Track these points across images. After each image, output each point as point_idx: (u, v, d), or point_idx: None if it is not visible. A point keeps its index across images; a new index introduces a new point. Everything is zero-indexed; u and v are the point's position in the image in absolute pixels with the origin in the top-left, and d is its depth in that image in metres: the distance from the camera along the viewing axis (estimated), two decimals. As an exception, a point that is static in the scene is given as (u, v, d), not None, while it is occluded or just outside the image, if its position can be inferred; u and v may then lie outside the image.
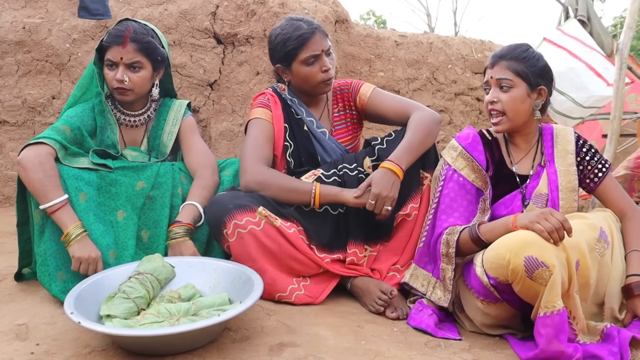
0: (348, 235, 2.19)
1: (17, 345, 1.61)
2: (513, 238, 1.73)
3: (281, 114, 2.35)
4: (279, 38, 2.28)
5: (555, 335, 1.66)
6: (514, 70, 2.02)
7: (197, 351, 1.58)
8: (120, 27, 2.16)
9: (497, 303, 1.87)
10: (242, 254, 2.01)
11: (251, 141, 2.26)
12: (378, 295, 2.07)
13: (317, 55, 2.25)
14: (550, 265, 1.64)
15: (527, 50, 2.06)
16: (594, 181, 2.11)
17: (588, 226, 1.84)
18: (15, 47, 3.31)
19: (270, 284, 2.01)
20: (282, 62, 2.31)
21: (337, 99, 2.49)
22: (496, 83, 2.05)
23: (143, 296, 1.77)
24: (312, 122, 2.38)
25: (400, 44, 3.92)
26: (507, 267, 1.72)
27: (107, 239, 2.01)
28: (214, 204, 2.08)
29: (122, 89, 2.17)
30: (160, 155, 2.32)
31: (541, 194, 2.05)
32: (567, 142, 2.13)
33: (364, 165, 2.23)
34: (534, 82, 2.03)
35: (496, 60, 2.06)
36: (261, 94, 2.43)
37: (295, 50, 2.25)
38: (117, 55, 2.14)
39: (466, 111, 4.11)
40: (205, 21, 3.46)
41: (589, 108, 3.89)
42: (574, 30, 4.20)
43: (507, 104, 2.02)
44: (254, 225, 2.01)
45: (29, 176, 1.92)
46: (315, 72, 2.27)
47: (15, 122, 3.35)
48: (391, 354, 1.70)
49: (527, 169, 2.13)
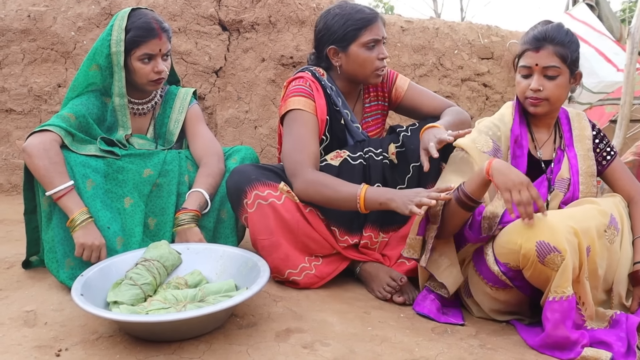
0: (366, 218, 2.17)
1: (26, 331, 1.62)
2: (524, 223, 1.72)
3: (324, 103, 2.20)
4: (337, 18, 2.18)
5: (561, 321, 1.66)
6: (560, 56, 1.90)
7: (203, 337, 1.59)
8: (144, 19, 2.12)
9: (506, 289, 1.86)
10: (260, 226, 2.00)
11: (295, 139, 2.11)
12: (387, 282, 2.06)
13: (377, 41, 2.18)
14: (562, 250, 1.63)
15: (569, 33, 1.95)
16: (602, 164, 2.07)
17: (599, 212, 1.81)
18: (21, 35, 3.30)
19: (282, 259, 2.01)
20: (338, 42, 2.18)
21: (368, 88, 2.40)
22: (542, 70, 1.91)
23: (150, 283, 1.77)
24: (348, 114, 2.28)
25: (406, 30, 3.88)
26: (518, 252, 1.71)
27: (114, 226, 2.01)
28: (237, 173, 2.06)
29: (160, 80, 2.18)
30: (167, 143, 2.32)
31: (563, 178, 2.00)
32: (584, 128, 2.08)
33: (388, 151, 2.21)
34: (574, 67, 1.95)
35: (541, 44, 1.91)
36: (298, 77, 2.25)
37: (357, 30, 2.15)
38: (155, 48, 2.12)
39: (473, 97, 4.08)
40: (210, 8, 3.44)
41: (598, 93, 3.86)
42: (583, 14, 4.15)
43: (552, 91, 1.92)
44: (274, 199, 2.00)
45: (34, 163, 1.92)
46: (373, 59, 2.18)
47: (22, 111, 3.35)
48: (398, 339, 1.70)
49: (549, 153, 2.06)
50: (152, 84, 2.19)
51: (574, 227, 1.68)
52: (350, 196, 1.96)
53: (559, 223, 1.67)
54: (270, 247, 2.00)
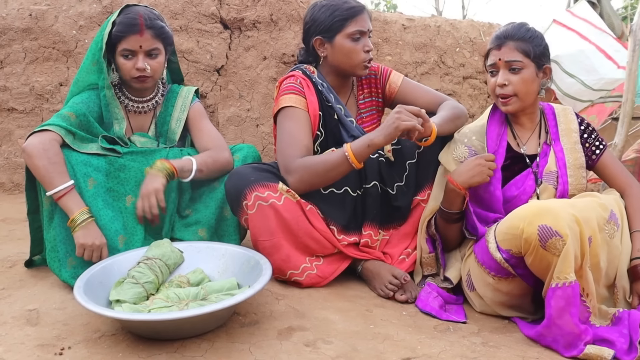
0: (365, 216, 2.18)
1: (28, 330, 1.63)
2: (527, 208, 1.76)
3: (315, 99, 2.22)
4: (324, 9, 2.20)
5: (565, 308, 1.66)
6: (522, 50, 1.99)
7: (206, 335, 1.59)
8: (130, 15, 2.11)
9: (508, 278, 1.87)
10: (260, 227, 2.00)
11: (287, 135, 2.13)
12: (389, 280, 2.06)
13: (363, 32, 2.19)
14: (564, 234, 1.64)
15: (530, 30, 2.04)
16: (592, 158, 2.10)
17: (599, 205, 1.83)
18: (22, 34, 3.30)
19: (284, 260, 2.01)
20: (324, 33, 2.21)
21: (362, 84, 2.42)
22: (505, 65, 2.01)
23: (152, 281, 1.77)
24: (341, 109, 2.29)
25: (407, 28, 3.88)
26: (520, 236, 1.72)
27: (116, 225, 2.02)
28: (235, 175, 2.06)
29: (143, 77, 2.14)
30: (169, 141, 2.32)
31: (551, 171, 2.05)
32: (570, 121, 2.13)
33: (384, 148, 2.21)
34: (540, 61, 2.02)
35: (502, 41, 2.02)
36: (289, 76, 2.28)
37: (343, 21, 2.17)
38: (135, 44, 2.10)
39: (474, 94, 4.07)
40: (212, 6, 3.44)
41: (599, 91, 3.84)
42: (583, 12, 4.13)
43: (518, 85, 2.00)
44: (275, 200, 1.99)
45: (33, 163, 1.92)
46: (359, 50, 2.19)
47: (24, 110, 3.35)
48: (400, 337, 1.70)
49: (534, 148, 2.12)
50: (135, 81, 2.16)
51: (575, 215, 1.69)
52: (340, 159, 2.00)
53: (561, 209, 1.69)
54: (272, 248, 2.00)
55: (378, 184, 2.18)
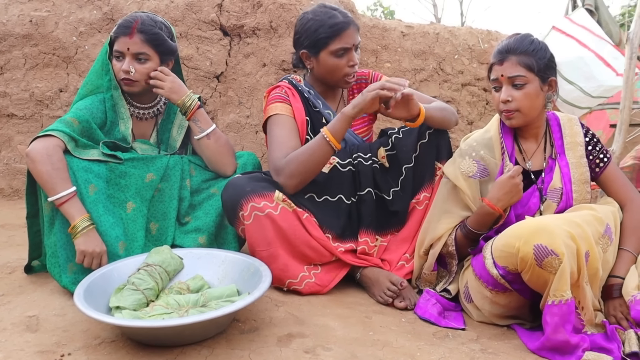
0: (360, 223, 2.19)
1: (28, 336, 1.62)
2: (522, 226, 1.73)
3: (301, 106, 2.27)
4: (310, 23, 2.21)
5: (561, 324, 1.66)
6: (525, 65, 1.93)
7: (205, 342, 1.59)
8: (128, 18, 2.15)
9: (506, 292, 1.87)
10: (257, 237, 2.01)
11: (275, 139, 2.17)
12: (387, 286, 2.07)
13: (347, 49, 2.20)
14: (560, 253, 1.63)
15: (534, 42, 1.98)
16: (596, 171, 2.07)
17: (595, 219, 1.83)
18: (23, 40, 3.31)
19: (282, 270, 2.01)
20: (309, 48, 2.24)
21: (352, 89, 2.44)
22: (508, 81, 1.95)
23: (152, 288, 1.78)
24: (330, 114, 2.32)
25: (406, 35, 3.89)
26: (516, 255, 1.72)
27: (116, 231, 2.02)
28: (231, 186, 2.06)
29: (128, 80, 2.15)
30: (170, 149, 2.32)
31: (556, 188, 2.01)
32: (576, 134, 2.08)
33: (378, 155, 2.23)
34: (545, 74, 1.97)
35: (504, 56, 1.96)
36: (276, 87, 2.33)
37: (327, 39, 2.18)
38: (123, 46, 2.13)
39: (473, 102, 4.08)
40: (212, 13, 3.46)
41: (597, 98, 3.86)
42: (582, 19, 4.15)
43: (522, 101, 1.95)
44: (271, 210, 2.00)
45: (37, 168, 1.92)
46: (342, 66, 2.22)
47: (23, 116, 3.36)
48: (399, 344, 1.71)
49: (539, 162, 2.08)
50: (122, 82, 2.17)
51: (571, 232, 1.68)
52: (320, 140, 2.05)
53: (557, 227, 1.68)
54: (269, 258, 1.99)
55: (372, 190, 2.20)
